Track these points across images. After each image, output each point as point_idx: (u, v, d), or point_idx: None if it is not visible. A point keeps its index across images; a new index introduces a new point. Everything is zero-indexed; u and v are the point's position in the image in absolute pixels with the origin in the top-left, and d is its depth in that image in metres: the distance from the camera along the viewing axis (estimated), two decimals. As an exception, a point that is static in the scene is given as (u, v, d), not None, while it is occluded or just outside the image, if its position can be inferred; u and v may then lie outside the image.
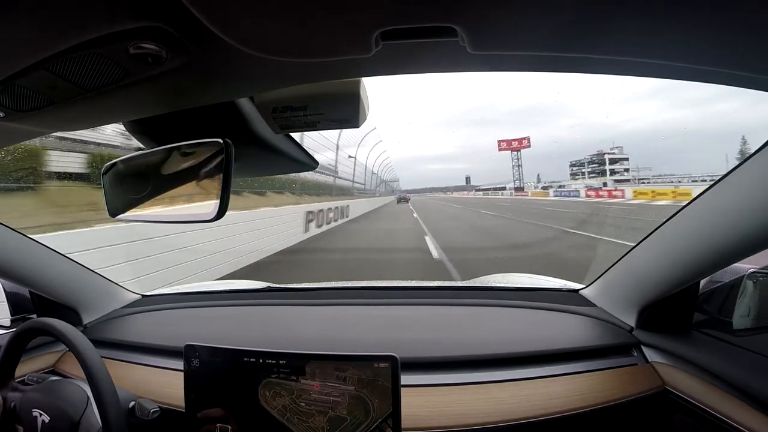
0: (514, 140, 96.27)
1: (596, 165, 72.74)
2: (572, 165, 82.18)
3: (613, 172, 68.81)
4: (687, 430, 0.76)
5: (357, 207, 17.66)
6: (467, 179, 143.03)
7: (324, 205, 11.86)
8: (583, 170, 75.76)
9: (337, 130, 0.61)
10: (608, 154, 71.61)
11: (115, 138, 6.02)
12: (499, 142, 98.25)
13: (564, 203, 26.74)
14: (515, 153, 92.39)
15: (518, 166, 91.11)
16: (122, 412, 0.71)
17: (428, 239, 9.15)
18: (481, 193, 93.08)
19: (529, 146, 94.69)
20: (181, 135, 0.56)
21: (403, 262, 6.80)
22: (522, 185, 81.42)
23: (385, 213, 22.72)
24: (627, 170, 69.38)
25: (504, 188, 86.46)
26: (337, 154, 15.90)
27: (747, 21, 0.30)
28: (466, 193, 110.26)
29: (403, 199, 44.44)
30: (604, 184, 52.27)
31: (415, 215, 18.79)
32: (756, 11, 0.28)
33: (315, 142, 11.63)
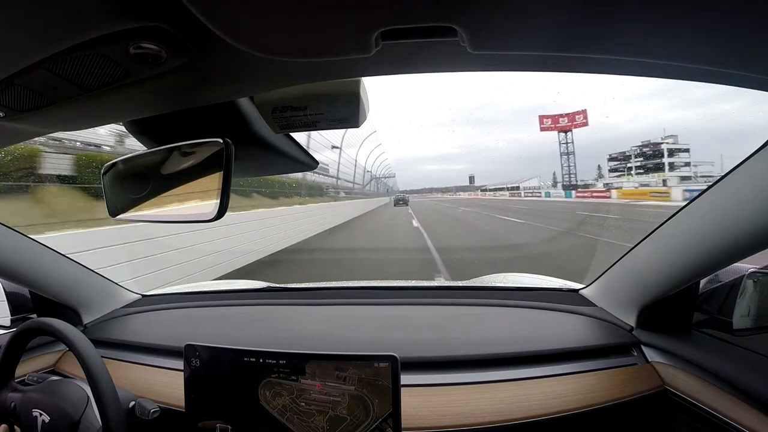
0: (563, 116, 62.20)
1: (643, 158, 54.31)
2: (612, 159, 59.42)
3: (672, 167, 50.68)
4: (687, 430, 0.76)
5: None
6: (471, 178, 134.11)
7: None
8: (629, 165, 55.54)
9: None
10: (664, 144, 51.94)
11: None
12: (541, 118, 65.47)
13: None
14: (564, 134, 60.60)
15: (568, 153, 59.34)
16: (122, 412, 0.71)
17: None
18: (507, 193, 67.98)
19: (585, 124, 61.59)
20: (181, 135, 0.56)
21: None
22: (576, 181, 56.25)
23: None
24: (688, 164, 51.39)
25: (517, 188, 67.71)
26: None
27: (748, 21, 0.30)
28: (472, 193, 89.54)
29: (401, 201, 39.46)
30: (664, 182, 40.35)
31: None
32: (757, 11, 0.28)
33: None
